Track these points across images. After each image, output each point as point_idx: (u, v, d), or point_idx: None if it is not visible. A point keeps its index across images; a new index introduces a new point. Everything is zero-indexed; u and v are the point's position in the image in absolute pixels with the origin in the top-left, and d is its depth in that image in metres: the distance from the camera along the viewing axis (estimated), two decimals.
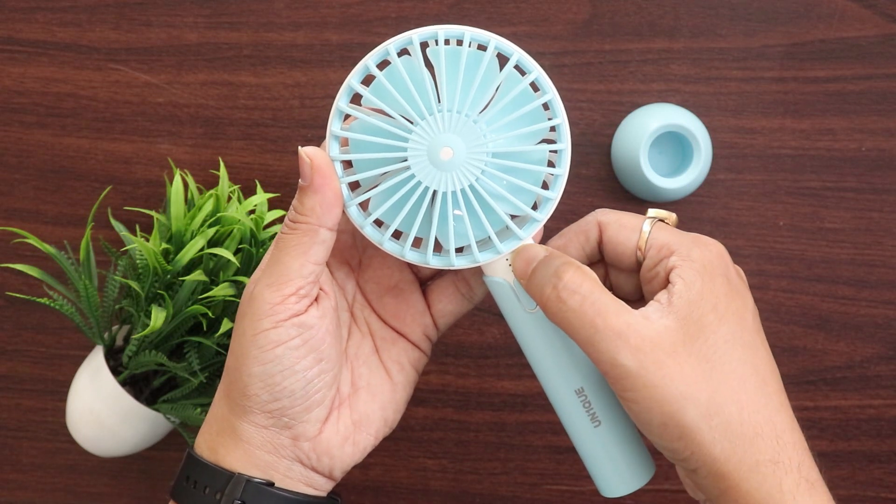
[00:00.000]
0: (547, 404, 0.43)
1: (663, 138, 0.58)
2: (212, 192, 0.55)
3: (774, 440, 0.36)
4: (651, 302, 0.37)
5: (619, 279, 0.42)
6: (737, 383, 0.36)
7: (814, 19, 0.58)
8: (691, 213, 0.60)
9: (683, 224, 0.59)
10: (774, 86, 0.58)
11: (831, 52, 0.58)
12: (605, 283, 0.42)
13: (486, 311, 0.61)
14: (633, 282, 0.41)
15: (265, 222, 0.55)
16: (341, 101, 0.38)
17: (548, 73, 0.38)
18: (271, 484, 0.39)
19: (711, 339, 0.36)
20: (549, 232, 0.41)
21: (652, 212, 0.40)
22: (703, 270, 0.37)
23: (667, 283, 0.38)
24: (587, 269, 0.37)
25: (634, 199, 0.59)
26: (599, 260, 0.42)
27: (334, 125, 0.38)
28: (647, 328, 0.36)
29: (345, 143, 0.39)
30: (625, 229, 0.40)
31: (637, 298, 0.41)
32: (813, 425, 0.60)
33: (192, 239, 0.53)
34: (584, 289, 0.36)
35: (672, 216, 0.40)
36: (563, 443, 0.61)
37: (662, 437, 0.36)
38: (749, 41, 0.58)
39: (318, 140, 0.61)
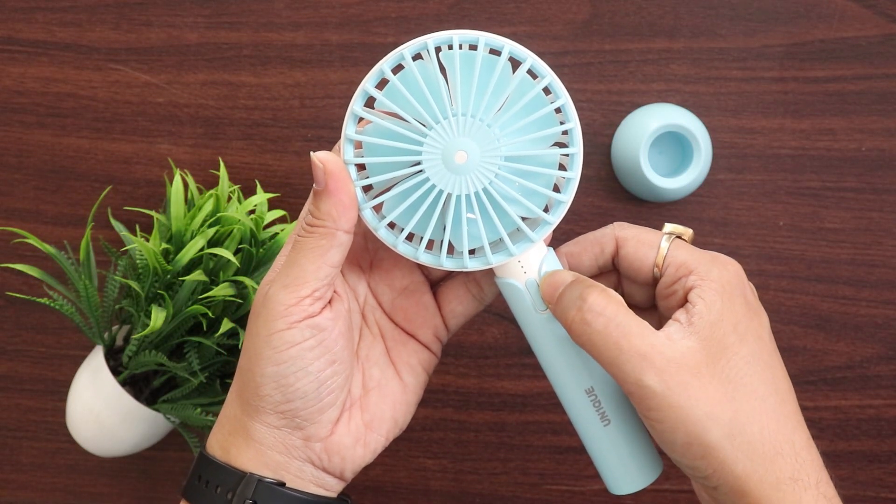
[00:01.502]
0: (547, 404, 0.43)
1: (663, 138, 0.58)
2: (212, 192, 0.55)
3: (794, 458, 0.37)
4: (671, 322, 0.38)
5: (631, 289, 0.42)
6: (758, 403, 0.37)
7: (814, 19, 0.58)
8: (691, 213, 0.60)
9: (683, 223, 0.59)
10: (774, 86, 0.58)
11: (831, 52, 0.58)
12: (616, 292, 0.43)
13: (486, 311, 0.61)
14: (646, 293, 0.42)
15: (265, 222, 0.55)
16: (356, 105, 0.38)
17: None
18: (282, 484, 0.39)
19: (733, 360, 0.37)
20: (558, 233, 0.41)
21: (668, 227, 0.41)
22: (722, 291, 0.38)
23: (684, 301, 0.38)
24: (612, 291, 0.38)
25: (634, 199, 0.59)
26: (611, 270, 0.42)
27: (349, 128, 0.38)
28: (670, 349, 0.36)
29: (358, 146, 0.40)
30: (643, 246, 0.40)
31: (649, 307, 0.42)
32: (813, 425, 0.60)
33: (192, 239, 0.53)
34: (609, 311, 0.37)
35: (688, 231, 0.41)
36: (563, 443, 0.61)
37: (685, 456, 0.37)
38: (749, 41, 0.58)
39: (318, 140, 0.61)
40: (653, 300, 0.41)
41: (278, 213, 0.57)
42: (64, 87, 0.61)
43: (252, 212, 0.56)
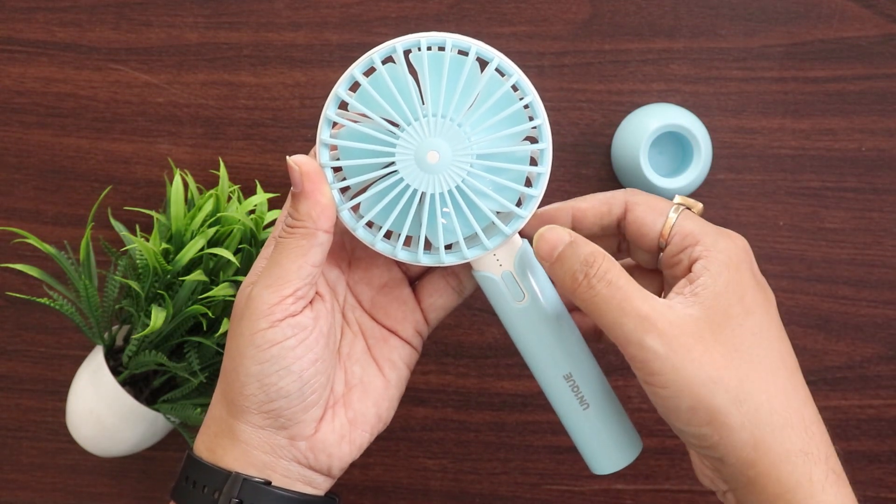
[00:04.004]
0: (547, 404, 0.44)
1: (663, 138, 0.58)
2: (212, 192, 0.55)
3: (803, 431, 0.36)
4: (672, 293, 0.38)
5: (636, 256, 0.42)
6: (765, 373, 0.36)
7: (814, 19, 0.58)
8: None
9: None
10: (774, 86, 0.58)
11: (831, 52, 0.58)
12: (616, 255, 0.43)
13: (486, 312, 0.61)
14: (650, 259, 0.42)
15: (265, 222, 0.55)
16: (329, 110, 0.39)
17: (548, 74, 0.39)
18: (268, 483, 0.39)
19: (738, 330, 0.37)
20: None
21: (679, 198, 0.41)
22: (728, 262, 0.38)
23: (688, 271, 0.38)
24: (612, 258, 0.38)
25: None
26: (613, 234, 0.43)
27: (323, 133, 0.40)
28: (672, 314, 0.36)
29: (334, 149, 0.41)
30: (652, 212, 0.40)
31: (652, 270, 0.42)
32: None
33: (192, 239, 0.53)
34: (612, 276, 0.37)
35: (698, 205, 0.41)
36: (563, 443, 0.61)
37: (690, 422, 0.36)
38: (749, 41, 0.58)
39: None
40: (655, 267, 0.42)
41: (278, 213, 0.57)
42: (64, 87, 0.61)
43: (252, 212, 0.56)
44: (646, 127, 0.56)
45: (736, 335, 0.37)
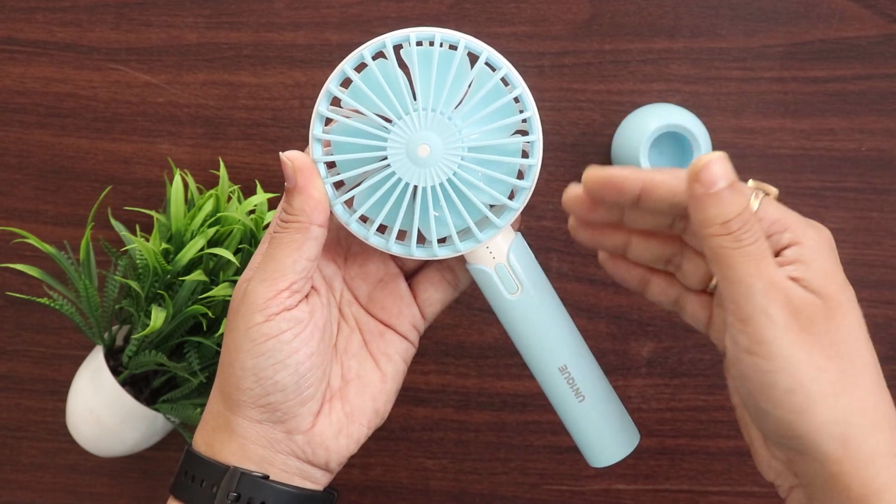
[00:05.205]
0: (547, 404, 0.44)
1: (663, 138, 0.58)
2: (212, 192, 0.55)
3: (890, 433, 0.35)
4: None
5: (693, 242, 0.40)
6: (862, 369, 0.36)
7: (814, 19, 0.58)
8: None
9: None
10: (774, 86, 0.58)
11: (831, 52, 0.58)
12: (667, 241, 0.40)
13: (486, 312, 0.61)
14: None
15: (265, 222, 0.55)
16: (321, 106, 0.40)
17: (548, 74, 0.39)
18: (266, 477, 0.40)
19: (844, 322, 0.36)
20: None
21: (753, 183, 0.38)
22: (821, 252, 0.36)
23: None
24: None
25: None
26: (674, 215, 0.39)
27: (316, 128, 0.40)
28: (797, 291, 0.35)
29: (327, 144, 0.41)
30: None
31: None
32: None
33: (192, 239, 0.53)
34: (760, 234, 0.35)
35: (774, 190, 0.39)
36: (563, 443, 0.61)
37: (783, 405, 0.35)
38: (749, 41, 0.58)
39: None
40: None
41: None
42: (64, 87, 0.61)
43: (252, 212, 0.56)
44: (646, 127, 0.56)
45: (838, 328, 0.35)
